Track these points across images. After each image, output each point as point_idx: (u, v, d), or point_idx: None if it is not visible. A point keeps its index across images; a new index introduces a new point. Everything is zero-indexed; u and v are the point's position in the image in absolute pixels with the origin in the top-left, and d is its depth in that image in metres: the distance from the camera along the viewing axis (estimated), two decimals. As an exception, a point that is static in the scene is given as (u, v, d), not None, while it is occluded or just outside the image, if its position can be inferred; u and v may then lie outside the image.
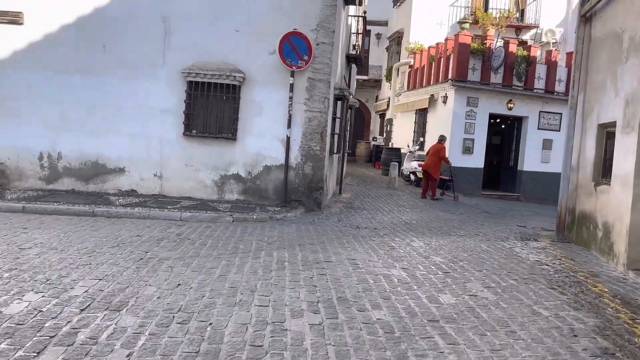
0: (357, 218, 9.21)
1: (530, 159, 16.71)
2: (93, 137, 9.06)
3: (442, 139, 13.67)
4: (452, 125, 15.67)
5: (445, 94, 16.08)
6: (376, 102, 26.75)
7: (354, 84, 15.06)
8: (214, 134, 9.17)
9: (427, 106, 17.37)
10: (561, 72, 16.79)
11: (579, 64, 8.08)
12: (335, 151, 10.90)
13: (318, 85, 9.17)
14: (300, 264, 5.45)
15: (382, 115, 25.29)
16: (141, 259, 5.25)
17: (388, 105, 22.68)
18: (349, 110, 13.16)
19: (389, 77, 22.99)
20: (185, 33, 9.03)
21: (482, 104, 15.89)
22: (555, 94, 16.65)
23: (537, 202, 16.78)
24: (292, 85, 9.00)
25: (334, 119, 10.43)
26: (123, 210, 7.90)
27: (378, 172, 20.01)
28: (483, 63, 15.90)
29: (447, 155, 13.74)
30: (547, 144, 16.84)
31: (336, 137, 10.97)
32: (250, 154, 9.22)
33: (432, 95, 17.09)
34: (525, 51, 16.21)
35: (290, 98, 9.03)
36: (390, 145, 21.12)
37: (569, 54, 17.06)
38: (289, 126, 9.10)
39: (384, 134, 24.01)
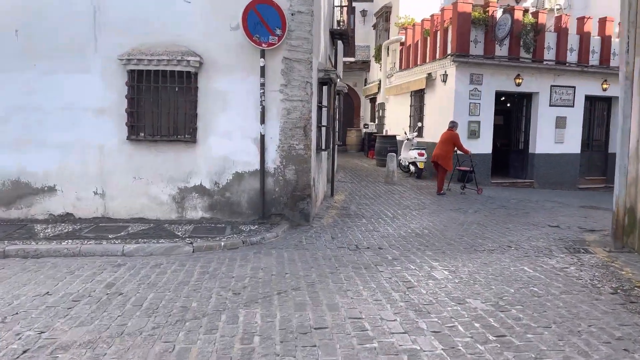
0: (356, 232, 7.32)
1: (543, 140, 14.86)
2: (11, 149, 7.06)
3: (453, 125, 11.76)
4: (454, 107, 13.76)
5: (445, 72, 14.14)
6: (365, 85, 24.75)
7: (341, 65, 13.09)
8: (167, 137, 7.20)
9: (424, 87, 15.41)
10: (573, 40, 14.89)
11: (634, 19, 6.17)
12: (323, 147, 8.97)
13: (297, 67, 7.21)
14: (279, 338, 3.55)
15: (373, 100, 23.33)
16: (24, 352, 3.32)
17: (379, 89, 20.70)
18: (337, 97, 11.20)
19: (378, 57, 20.97)
20: (121, 7, 7.01)
21: (487, 81, 13.97)
22: (567, 64, 14.77)
23: (552, 188, 15.03)
24: (263, 69, 7.03)
25: (319, 108, 8.49)
26: (45, 246, 5.92)
27: (372, 163, 18.13)
28: (486, 34, 13.94)
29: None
30: (560, 122, 15.00)
31: (324, 130, 9.03)
32: (215, 160, 7.26)
33: (430, 74, 15.14)
34: (532, 18, 14.27)
35: (262, 85, 7.07)
36: (384, 133, 19.19)
37: (580, 19, 15.19)
38: (262, 121, 7.15)
39: (376, 120, 22.07)
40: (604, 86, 15.30)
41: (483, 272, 5.32)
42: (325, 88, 8.94)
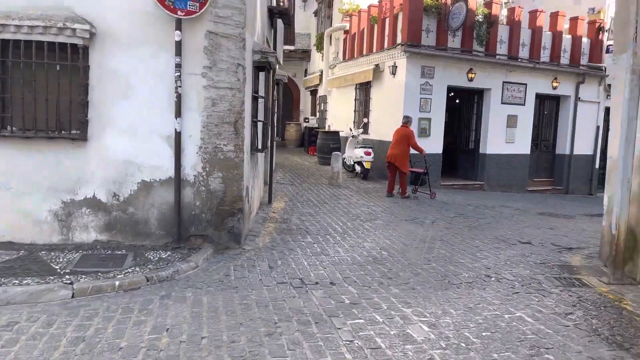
0: (300, 256, 5.79)
1: (494, 140, 14.00)
2: None
3: (407, 120, 10.63)
4: (404, 101, 12.53)
5: (394, 63, 12.87)
6: (305, 76, 23.20)
7: (281, 50, 11.47)
8: (46, 132, 5.31)
9: (370, 79, 14.08)
10: (525, 35, 14.11)
11: (640, 0, 5.04)
12: (259, 147, 7.34)
13: (225, 44, 5.54)
14: None
15: (314, 92, 21.85)
16: None
17: (321, 80, 19.24)
18: (277, 86, 9.59)
19: (319, 47, 19.48)
20: (-23, -48, 5.04)
21: (439, 75, 12.86)
22: (519, 60, 13.98)
23: (502, 190, 14.26)
24: (179, 45, 5.31)
25: (254, 99, 6.86)
26: None
27: (313, 161, 16.67)
28: (439, 23, 12.81)
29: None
30: (511, 121, 14.22)
31: (260, 125, 7.42)
32: (114, 164, 5.47)
33: (377, 65, 13.83)
34: (486, 9, 13.31)
35: (178, 66, 5.35)
36: (327, 128, 17.76)
37: (532, 13, 14.43)
38: (178, 114, 5.43)
39: (317, 113, 20.63)
40: (554, 84, 14.69)
41: (473, 326, 3.96)
42: (262, 75, 7.32)
